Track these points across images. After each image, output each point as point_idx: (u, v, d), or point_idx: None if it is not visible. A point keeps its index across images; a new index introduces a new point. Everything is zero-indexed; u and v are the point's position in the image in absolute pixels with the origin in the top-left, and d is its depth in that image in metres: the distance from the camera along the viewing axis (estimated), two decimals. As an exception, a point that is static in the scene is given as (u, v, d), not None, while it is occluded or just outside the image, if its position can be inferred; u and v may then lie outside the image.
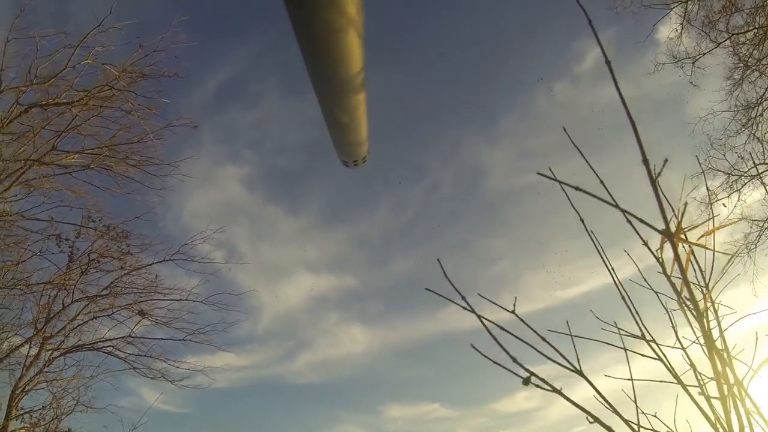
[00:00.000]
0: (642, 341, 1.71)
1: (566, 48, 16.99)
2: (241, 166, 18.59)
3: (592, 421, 1.42)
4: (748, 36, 12.35)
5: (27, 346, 11.57)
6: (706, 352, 1.39)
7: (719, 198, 12.28)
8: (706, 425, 1.50)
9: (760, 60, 12.25)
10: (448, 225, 20.23)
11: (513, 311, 1.40)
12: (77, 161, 11.05)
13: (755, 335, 1.60)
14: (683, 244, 1.32)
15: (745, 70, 12.51)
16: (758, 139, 12.23)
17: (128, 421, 11.69)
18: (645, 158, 0.97)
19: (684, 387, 1.59)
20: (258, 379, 19.65)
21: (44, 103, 9.82)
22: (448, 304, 1.55)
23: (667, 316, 1.74)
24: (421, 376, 21.42)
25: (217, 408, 17.57)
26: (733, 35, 12.29)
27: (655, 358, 1.68)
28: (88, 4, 14.23)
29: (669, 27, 12.85)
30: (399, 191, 20.16)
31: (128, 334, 12.44)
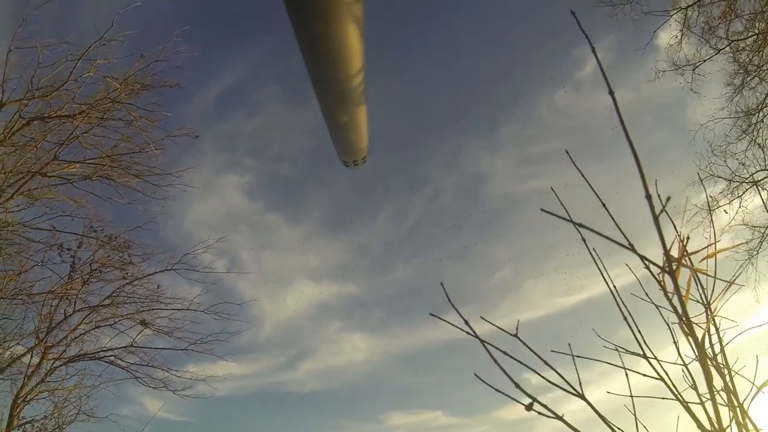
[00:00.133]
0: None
1: (567, 54, 17.02)
2: (242, 174, 18.64)
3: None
4: (747, 42, 12.38)
5: (29, 356, 11.59)
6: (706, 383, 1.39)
7: (720, 204, 12.29)
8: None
9: (760, 66, 12.27)
10: (450, 232, 20.21)
11: (515, 335, 1.40)
12: (79, 171, 11.09)
13: (756, 358, 1.59)
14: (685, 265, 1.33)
15: (746, 76, 12.53)
16: (759, 145, 12.23)
17: (130, 430, 11.67)
18: (648, 194, 0.98)
19: (687, 408, 1.58)
20: (260, 387, 19.61)
21: (46, 116, 9.87)
22: (450, 312, 1.56)
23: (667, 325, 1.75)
24: (423, 384, 21.35)
25: (219, 416, 17.51)
26: (733, 41, 12.33)
27: (657, 378, 1.68)
28: (90, 12, 14.33)
29: (669, 33, 12.90)
30: (400, 199, 20.19)
31: (130, 344, 12.47)
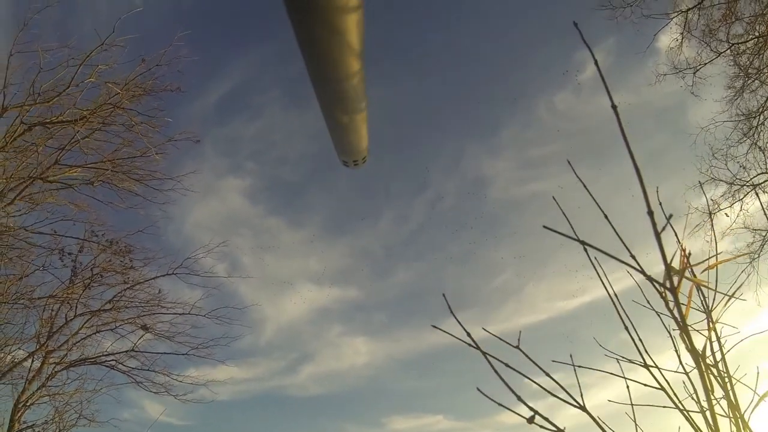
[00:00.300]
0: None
1: (568, 58, 17.04)
2: (243, 178, 18.67)
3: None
4: (748, 45, 12.39)
5: (30, 360, 11.59)
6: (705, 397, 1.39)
7: (721, 208, 12.29)
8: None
9: (761, 69, 12.28)
10: (453, 235, 20.21)
11: (517, 346, 1.40)
12: (80, 175, 11.11)
13: (757, 369, 1.59)
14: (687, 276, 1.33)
15: (746, 79, 12.53)
16: (760, 148, 12.23)
17: (130, 435, 11.66)
18: (650, 210, 0.98)
19: (688, 417, 1.58)
20: (261, 391, 19.60)
21: (48, 121, 9.88)
22: (450, 316, 1.56)
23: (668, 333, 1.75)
24: (425, 387, 21.33)
25: (221, 421, 17.50)
26: (734, 44, 12.34)
27: (658, 387, 1.68)
28: (91, 16, 14.38)
29: (669, 36, 12.92)
30: (401, 203, 20.19)
31: (131, 349, 12.48)
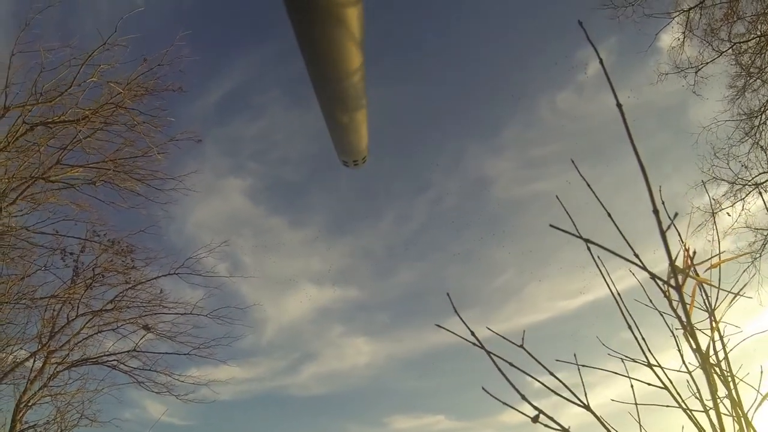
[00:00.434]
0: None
1: (570, 57, 17.03)
2: (244, 178, 18.67)
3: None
4: (750, 44, 12.37)
5: (31, 360, 11.60)
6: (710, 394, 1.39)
7: (723, 207, 12.27)
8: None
9: (762, 68, 12.26)
10: (452, 235, 20.21)
11: (521, 345, 1.40)
12: (81, 175, 11.12)
13: (761, 368, 1.59)
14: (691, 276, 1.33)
15: (748, 79, 12.52)
16: (762, 147, 12.22)
17: (132, 435, 11.67)
18: (655, 209, 0.98)
19: (691, 417, 1.58)
20: (263, 391, 19.59)
21: (50, 121, 9.90)
22: (452, 316, 1.56)
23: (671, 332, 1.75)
24: (426, 387, 21.32)
25: (222, 420, 17.49)
26: (735, 44, 12.32)
27: (662, 387, 1.68)
28: (92, 16, 14.39)
29: (671, 36, 12.90)
30: (403, 202, 20.19)
31: (133, 348, 12.49)
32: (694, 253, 1.21)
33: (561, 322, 18.55)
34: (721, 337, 1.62)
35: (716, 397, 1.20)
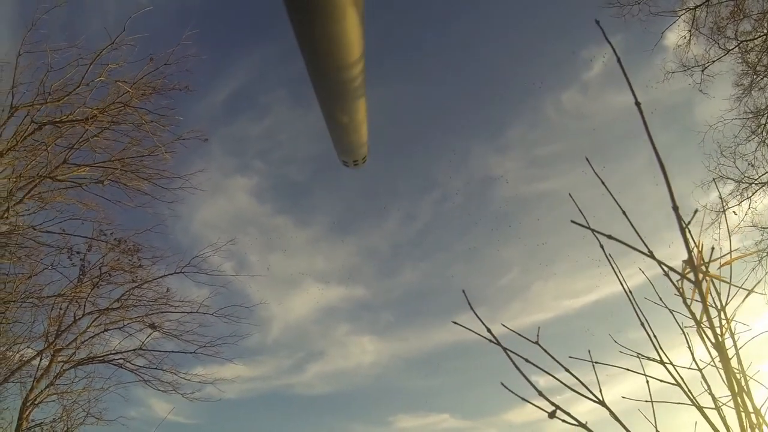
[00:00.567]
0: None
1: (575, 55, 16.99)
2: (250, 177, 18.72)
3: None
4: (756, 42, 12.32)
5: (38, 359, 11.66)
6: (726, 382, 1.39)
7: (730, 206, 12.22)
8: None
9: (769, 66, 12.21)
10: (458, 234, 20.21)
11: (537, 342, 1.41)
12: (88, 174, 11.15)
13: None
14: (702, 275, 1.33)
15: (754, 77, 12.47)
16: (768, 146, 12.17)
17: (138, 433, 11.72)
18: (675, 205, 0.99)
19: (704, 414, 1.58)
20: (268, 390, 19.65)
21: (58, 120, 9.93)
22: (458, 314, 1.57)
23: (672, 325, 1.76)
24: (432, 386, 21.34)
25: (228, 419, 17.57)
26: (742, 42, 12.26)
27: (674, 383, 1.68)
28: (98, 16, 14.44)
29: (677, 34, 12.86)
30: (408, 202, 20.18)
31: (139, 347, 12.54)
32: (711, 249, 1.21)
33: (567, 320, 18.54)
34: (732, 334, 1.62)
35: (737, 394, 1.20)
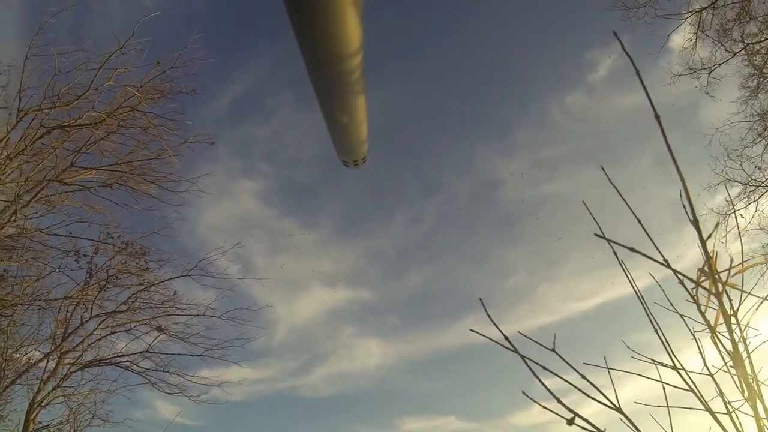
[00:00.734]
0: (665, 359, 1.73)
1: (580, 57, 16.97)
2: (256, 179, 18.75)
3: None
4: (762, 45, 12.29)
5: (45, 361, 11.69)
6: (739, 387, 1.40)
7: (737, 209, 12.18)
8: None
9: (775, 69, 12.18)
10: (463, 236, 20.19)
11: (553, 349, 1.42)
12: (95, 177, 11.21)
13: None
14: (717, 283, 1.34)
15: (761, 79, 12.44)
16: (775, 148, 12.13)
17: (144, 435, 11.73)
18: (695, 218, 1.00)
19: (716, 419, 1.59)
20: (274, 392, 19.63)
21: (67, 125, 9.99)
22: (463, 317, 1.59)
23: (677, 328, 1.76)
24: (437, 389, 21.29)
25: (233, 421, 17.53)
26: (748, 44, 12.24)
27: (687, 389, 1.69)
28: (104, 19, 14.50)
29: (683, 36, 12.84)
30: (414, 204, 20.18)
31: (146, 350, 12.57)
32: (731, 260, 1.22)
33: (573, 323, 18.48)
34: (744, 340, 1.63)
35: (754, 398, 1.21)
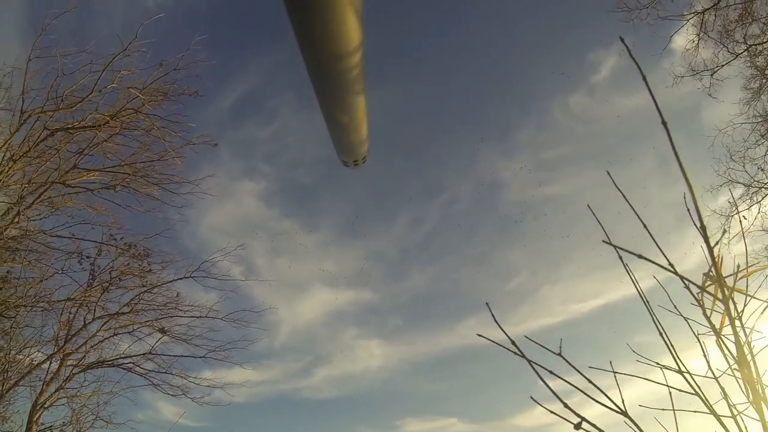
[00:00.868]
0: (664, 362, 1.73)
1: (582, 58, 16.99)
2: (258, 181, 18.79)
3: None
4: (765, 46, 12.27)
5: (48, 363, 11.71)
6: (744, 391, 1.40)
7: (739, 210, 12.17)
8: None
9: (778, 70, 12.16)
10: (465, 238, 20.19)
11: (560, 354, 1.42)
12: (98, 178, 11.23)
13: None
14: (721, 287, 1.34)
15: (763, 81, 12.42)
16: (778, 150, 12.11)
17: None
18: (702, 225, 1.00)
19: (721, 423, 1.59)
20: (276, 393, 19.67)
21: (70, 126, 10.01)
22: (465, 319, 1.59)
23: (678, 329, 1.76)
24: (439, 390, 21.31)
25: (236, 423, 17.56)
26: (751, 46, 12.22)
27: (693, 393, 1.69)
28: (107, 21, 14.55)
29: (685, 38, 12.83)
30: (416, 206, 20.18)
31: (149, 351, 12.58)
32: (737, 266, 1.22)
33: (575, 324, 18.48)
34: (748, 344, 1.63)
35: (760, 402, 1.21)
